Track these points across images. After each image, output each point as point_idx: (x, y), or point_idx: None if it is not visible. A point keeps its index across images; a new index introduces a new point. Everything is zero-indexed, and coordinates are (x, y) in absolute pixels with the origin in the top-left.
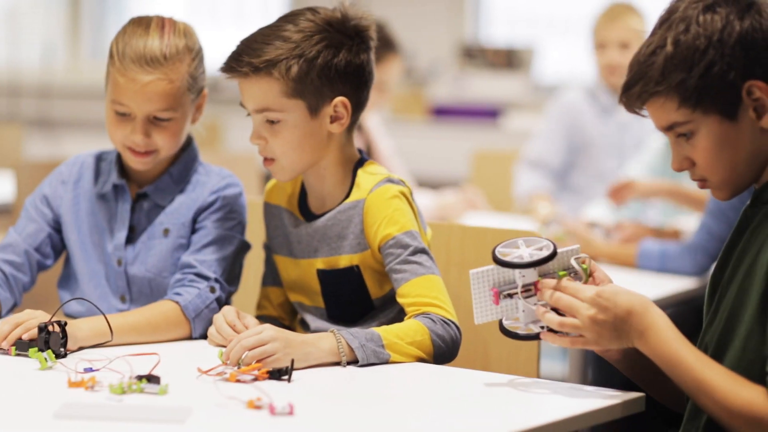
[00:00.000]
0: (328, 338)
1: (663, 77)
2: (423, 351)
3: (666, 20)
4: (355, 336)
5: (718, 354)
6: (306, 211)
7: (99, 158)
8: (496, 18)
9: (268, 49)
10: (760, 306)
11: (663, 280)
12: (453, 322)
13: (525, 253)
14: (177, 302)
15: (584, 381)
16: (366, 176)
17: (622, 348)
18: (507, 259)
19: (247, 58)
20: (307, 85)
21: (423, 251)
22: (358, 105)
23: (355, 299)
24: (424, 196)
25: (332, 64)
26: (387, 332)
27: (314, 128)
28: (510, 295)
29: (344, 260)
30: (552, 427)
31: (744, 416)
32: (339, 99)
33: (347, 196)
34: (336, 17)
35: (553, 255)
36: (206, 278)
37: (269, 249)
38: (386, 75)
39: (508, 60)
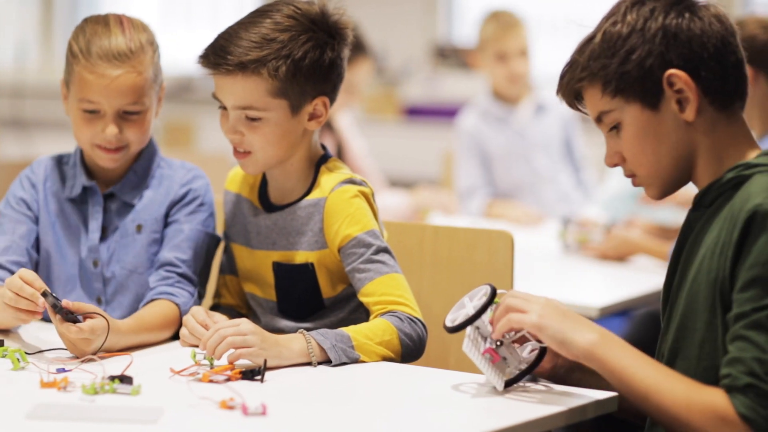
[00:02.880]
0: (298, 339)
1: (587, 64)
2: (391, 350)
3: (603, 17)
4: (326, 337)
5: (673, 361)
6: (266, 202)
7: (59, 161)
8: (468, 18)
9: (254, 47)
10: (710, 314)
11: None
12: (419, 320)
13: (470, 307)
14: (177, 304)
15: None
16: (328, 174)
17: (570, 359)
18: (457, 323)
19: (233, 56)
20: (293, 85)
21: (385, 250)
22: (332, 102)
23: (307, 297)
24: (398, 196)
25: (317, 65)
26: (356, 333)
27: (293, 126)
28: (499, 344)
29: (300, 256)
30: (524, 427)
31: (707, 416)
32: (320, 99)
33: (308, 191)
34: (317, 13)
35: (493, 295)
36: (192, 282)
37: (227, 237)
38: (356, 77)
39: None
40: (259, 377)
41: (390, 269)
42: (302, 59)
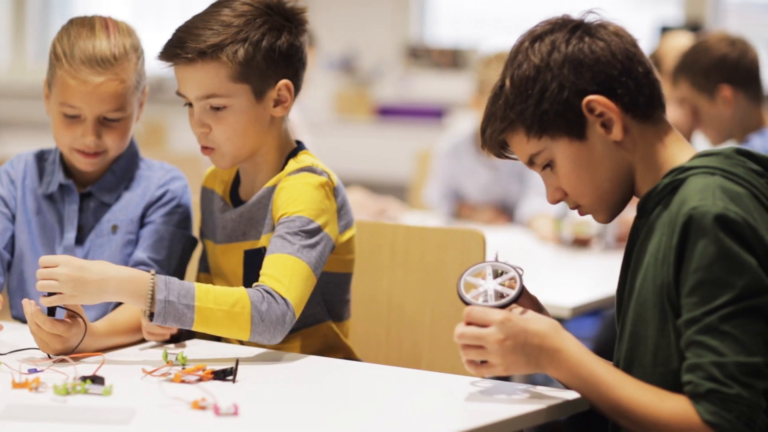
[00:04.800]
0: (140, 280)
1: (505, 114)
2: (236, 324)
3: (507, 63)
4: (168, 288)
5: (628, 369)
6: (235, 197)
7: (40, 157)
8: (441, 18)
9: (212, 34)
10: (660, 320)
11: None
12: (285, 301)
13: (491, 287)
14: None
15: (529, 380)
16: (293, 164)
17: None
18: (468, 297)
19: (192, 44)
20: (253, 69)
21: (304, 235)
22: (297, 88)
23: None
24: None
25: (276, 47)
26: (205, 294)
27: (259, 113)
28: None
29: (263, 241)
30: (496, 427)
31: (673, 427)
32: (283, 82)
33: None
34: (273, 1)
35: (519, 294)
36: None
37: (201, 233)
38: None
39: (453, 60)
40: (231, 377)
41: (292, 251)
42: (260, 41)
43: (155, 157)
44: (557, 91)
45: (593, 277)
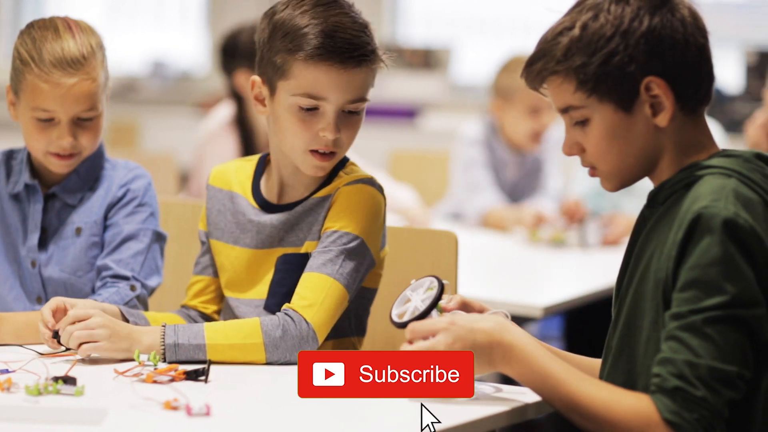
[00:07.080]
0: (151, 333)
1: (565, 58)
2: (249, 354)
3: (579, 4)
4: (177, 333)
5: (619, 356)
6: (262, 200)
7: (9, 156)
8: (413, 18)
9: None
10: (655, 313)
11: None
12: (308, 324)
13: (417, 301)
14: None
15: (502, 380)
16: (344, 175)
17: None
18: (405, 318)
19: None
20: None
21: (349, 257)
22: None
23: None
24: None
25: None
26: (215, 332)
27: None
28: None
29: (306, 247)
30: (467, 427)
31: (630, 425)
32: None
33: (318, 189)
34: None
35: (441, 289)
36: (125, 278)
37: (211, 235)
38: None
39: (426, 60)
40: (203, 378)
41: (332, 271)
42: None
43: (128, 156)
44: (626, 62)
45: (567, 277)
